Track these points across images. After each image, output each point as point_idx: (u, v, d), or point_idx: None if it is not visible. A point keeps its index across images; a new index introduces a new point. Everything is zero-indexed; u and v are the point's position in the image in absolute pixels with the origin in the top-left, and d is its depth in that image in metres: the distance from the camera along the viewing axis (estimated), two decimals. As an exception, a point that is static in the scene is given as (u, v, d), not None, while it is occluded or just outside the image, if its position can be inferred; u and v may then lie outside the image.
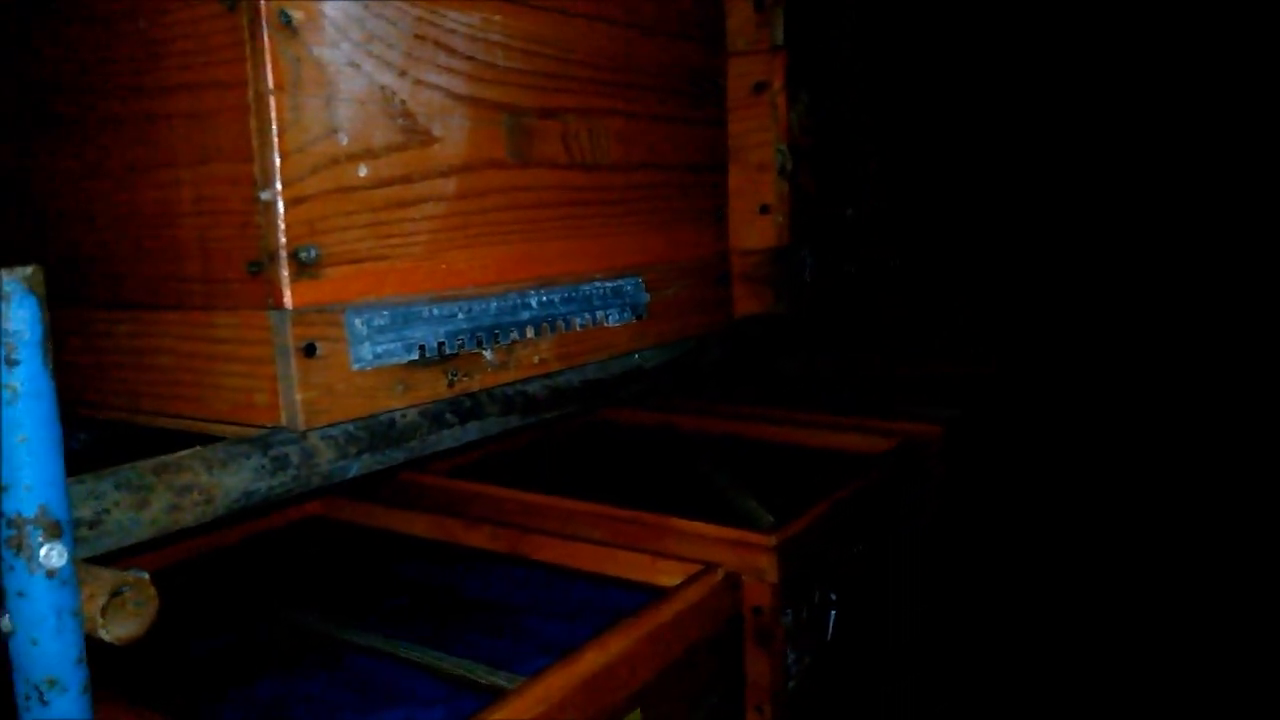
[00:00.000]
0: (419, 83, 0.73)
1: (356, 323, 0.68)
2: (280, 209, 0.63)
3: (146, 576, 0.52)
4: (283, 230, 0.63)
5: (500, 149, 0.80)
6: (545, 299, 0.85)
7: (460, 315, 0.76)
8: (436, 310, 0.74)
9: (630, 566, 1.04)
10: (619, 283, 0.94)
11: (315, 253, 0.65)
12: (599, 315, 0.91)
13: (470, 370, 0.78)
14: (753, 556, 0.99)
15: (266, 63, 0.62)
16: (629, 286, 0.95)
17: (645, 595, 0.95)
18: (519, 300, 0.82)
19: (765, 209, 1.14)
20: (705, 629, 0.93)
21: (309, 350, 0.65)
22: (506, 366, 0.81)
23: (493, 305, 0.79)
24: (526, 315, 0.83)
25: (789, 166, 1.14)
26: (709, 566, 0.98)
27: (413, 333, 0.73)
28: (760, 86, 1.13)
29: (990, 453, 1.63)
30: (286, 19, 0.63)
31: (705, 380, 1.56)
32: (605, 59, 0.91)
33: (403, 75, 0.71)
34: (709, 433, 1.59)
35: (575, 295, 0.88)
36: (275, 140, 0.63)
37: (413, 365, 0.73)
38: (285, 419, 0.65)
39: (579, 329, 0.89)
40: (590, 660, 0.79)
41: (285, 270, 0.64)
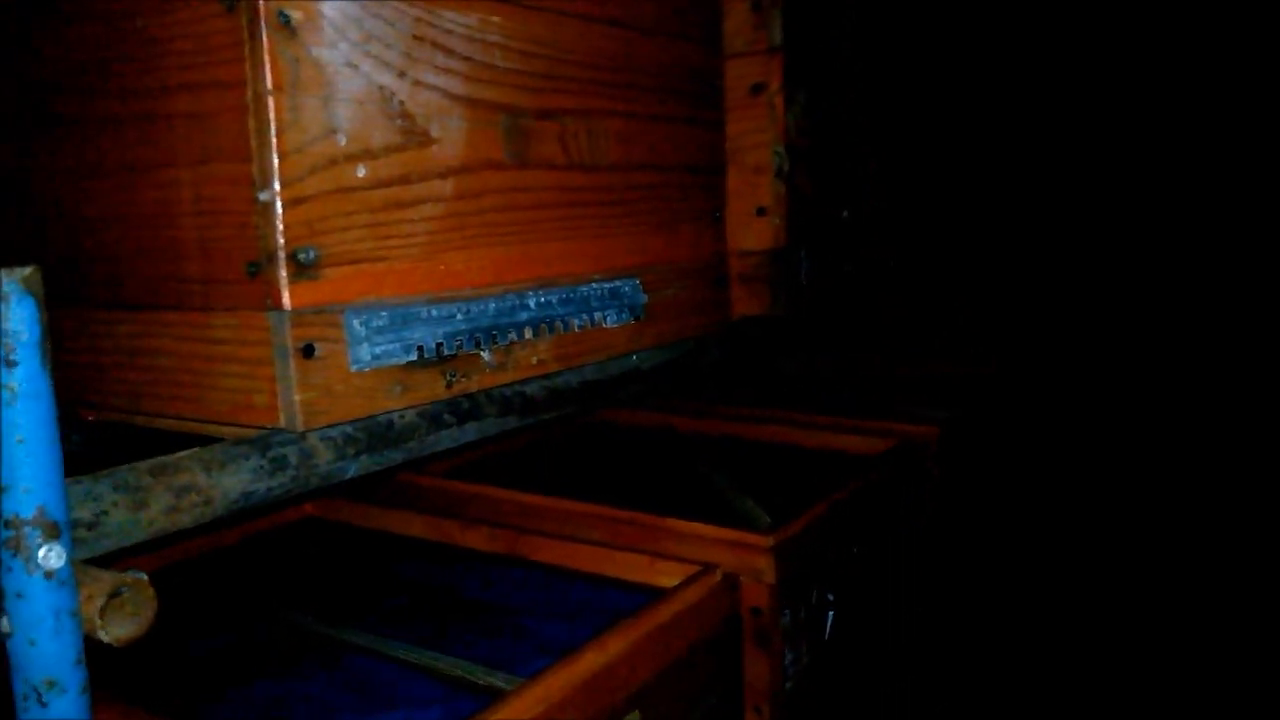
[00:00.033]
0: (417, 83, 0.73)
1: (355, 324, 0.68)
2: (279, 210, 0.63)
3: (145, 578, 0.52)
4: (281, 231, 0.63)
5: (498, 150, 0.80)
6: (543, 300, 0.85)
7: (459, 316, 0.77)
8: (435, 311, 0.74)
9: (629, 567, 1.04)
10: (617, 284, 0.94)
11: (314, 253, 0.65)
12: (597, 316, 0.91)
13: (468, 371, 0.78)
14: (751, 557, 0.99)
15: (265, 63, 0.62)
16: (627, 287, 0.95)
17: (644, 596, 0.95)
18: (517, 301, 0.82)
19: (762, 210, 1.14)
20: (704, 630, 0.93)
21: (307, 351, 0.65)
22: (505, 367, 0.81)
23: (491, 306, 0.79)
24: (525, 316, 0.83)
25: (786, 168, 1.14)
26: (707, 567, 0.98)
27: (411, 334, 0.73)
28: (758, 88, 1.13)
29: (989, 453, 1.63)
30: (285, 19, 0.63)
31: (704, 381, 1.56)
32: (603, 60, 0.92)
33: (401, 76, 0.72)
34: (707, 433, 1.59)
35: (573, 296, 0.88)
36: (274, 141, 0.63)
37: (411, 366, 0.73)
38: (284, 420, 0.65)
39: (577, 330, 0.89)
40: (589, 661, 0.79)
41: (284, 271, 0.64)
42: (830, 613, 1.11)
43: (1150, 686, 1.73)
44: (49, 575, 0.49)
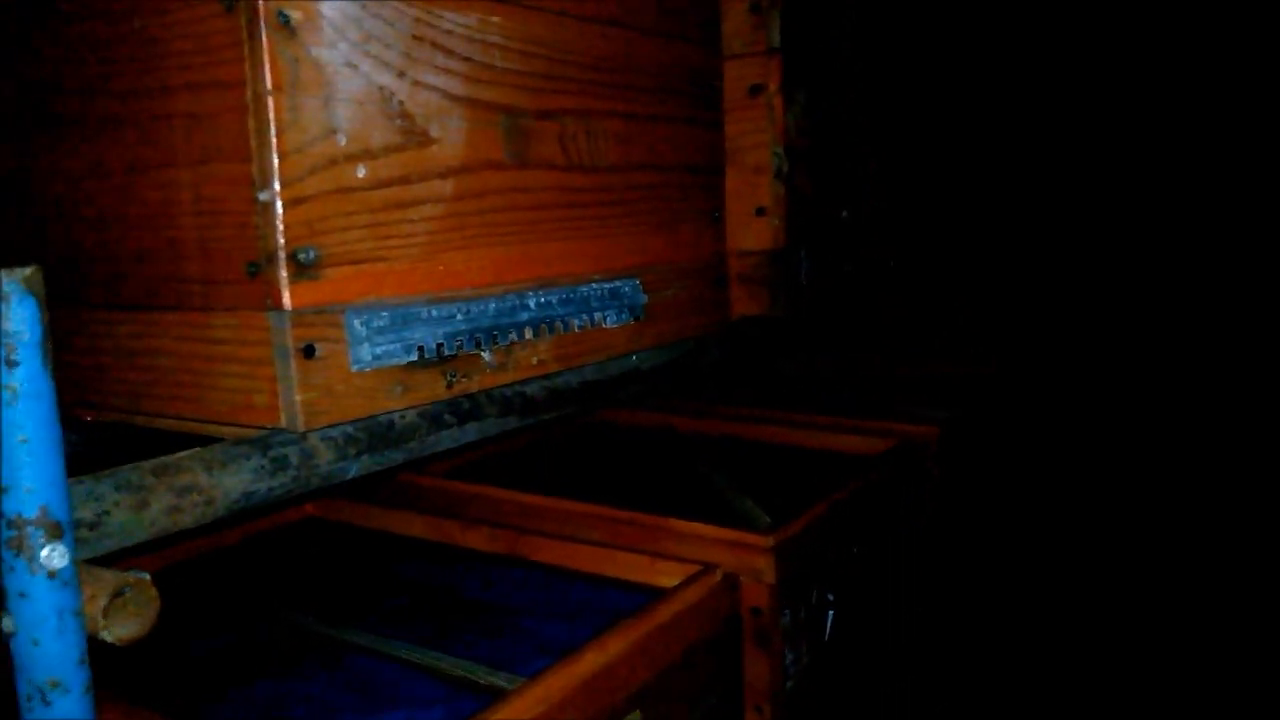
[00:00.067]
0: (417, 83, 0.73)
1: (356, 324, 0.68)
2: (279, 210, 0.63)
3: (147, 577, 0.52)
4: (281, 231, 0.63)
5: (498, 150, 0.80)
6: (543, 300, 0.85)
7: (459, 316, 0.77)
8: (435, 311, 0.75)
9: (629, 567, 1.04)
10: (617, 284, 0.94)
11: (314, 254, 0.65)
12: (597, 316, 0.91)
13: (469, 371, 0.78)
14: (751, 557, 0.99)
15: (265, 63, 0.62)
16: (627, 288, 0.96)
17: (644, 596, 0.95)
18: (517, 301, 0.82)
19: (761, 211, 1.15)
20: (704, 629, 0.93)
21: (308, 351, 0.65)
22: (505, 368, 0.81)
23: (491, 306, 0.80)
24: (525, 316, 0.83)
25: (785, 169, 1.14)
26: (707, 567, 0.98)
27: (411, 334, 0.73)
28: (756, 89, 1.13)
29: (989, 453, 1.63)
30: (285, 19, 0.63)
31: (703, 381, 1.56)
32: (602, 60, 0.92)
33: (401, 76, 0.72)
34: (707, 433, 1.59)
35: (573, 296, 0.89)
36: (274, 141, 0.63)
37: (412, 366, 0.73)
38: (285, 420, 0.65)
39: (577, 330, 0.89)
40: (590, 661, 0.79)
41: (284, 271, 0.64)
42: (830, 613, 1.11)
43: (1150, 686, 1.73)
44: (52, 575, 0.49)
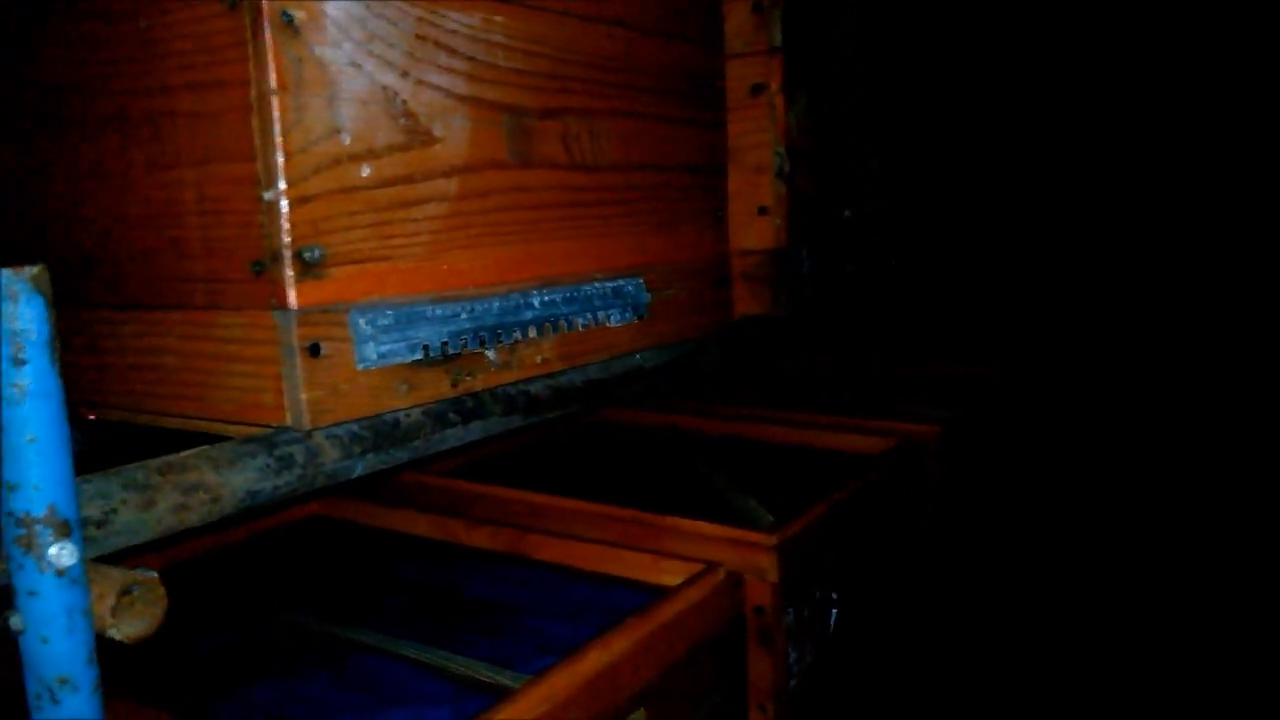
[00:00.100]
0: (420, 83, 0.73)
1: (361, 323, 0.69)
2: (284, 209, 0.63)
3: (155, 576, 0.52)
4: (286, 230, 0.63)
5: (501, 149, 0.80)
6: (547, 299, 0.85)
7: (463, 315, 0.77)
8: (440, 310, 0.75)
9: (632, 566, 1.04)
10: (620, 283, 0.94)
11: (319, 253, 0.65)
12: (600, 315, 0.92)
13: (473, 370, 0.78)
14: (754, 556, 0.99)
15: (269, 62, 0.62)
16: (630, 287, 0.96)
17: (647, 595, 0.96)
18: (521, 300, 0.82)
19: (763, 210, 1.15)
20: (708, 628, 0.93)
21: (314, 350, 0.65)
22: (509, 366, 0.81)
23: (495, 305, 0.80)
24: (529, 315, 0.83)
25: (787, 168, 1.14)
26: (711, 566, 0.98)
27: (416, 333, 0.73)
28: (758, 88, 1.13)
29: (990, 452, 1.63)
30: (288, 19, 0.63)
31: (705, 381, 1.56)
32: (605, 60, 0.92)
33: (404, 75, 0.72)
34: (708, 433, 1.59)
35: (577, 295, 0.89)
36: (278, 140, 0.63)
37: (417, 365, 0.73)
38: (290, 419, 0.65)
39: (581, 329, 0.89)
40: (594, 660, 0.79)
41: (289, 270, 0.64)
42: (833, 611, 1.11)
43: (1151, 685, 1.73)
44: (61, 573, 0.49)
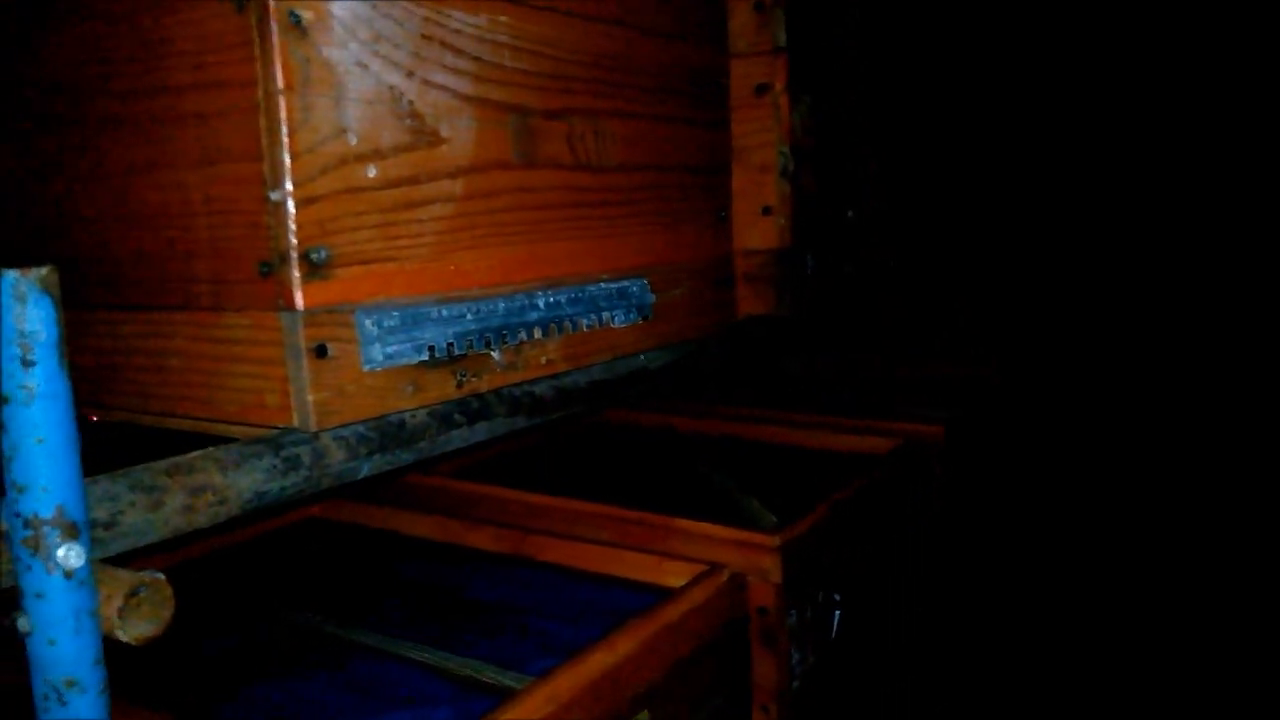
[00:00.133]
0: (426, 83, 0.73)
1: (367, 324, 0.68)
2: (291, 209, 0.63)
3: (162, 577, 0.52)
4: (293, 231, 0.63)
5: (507, 150, 0.80)
6: (552, 300, 0.85)
7: (468, 316, 0.77)
8: (445, 311, 0.74)
9: (636, 567, 1.04)
10: (624, 284, 0.94)
11: (325, 253, 0.65)
12: (605, 316, 0.91)
13: (479, 371, 0.78)
14: (757, 557, 0.99)
15: (276, 63, 0.62)
16: (634, 287, 0.96)
17: (651, 596, 0.95)
18: (526, 301, 0.82)
19: (768, 210, 1.15)
20: (711, 629, 0.93)
21: (320, 351, 0.65)
22: (514, 367, 0.81)
23: (500, 306, 0.80)
24: (534, 316, 0.83)
25: (791, 168, 1.14)
26: (714, 567, 0.98)
27: (422, 334, 0.73)
28: (762, 88, 1.13)
29: (991, 453, 1.63)
30: (296, 19, 0.63)
31: (707, 381, 1.56)
32: (610, 60, 0.92)
33: (410, 76, 0.72)
34: (709, 434, 1.59)
35: (582, 296, 0.88)
36: (285, 140, 0.62)
37: (422, 366, 0.73)
38: (297, 420, 0.65)
39: (585, 330, 0.89)
40: (597, 661, 0.79)
41: (296, 271, 0.64)
42: (836, 612, 1.11)
43: (1151, 685, 1.73)
44: (68, 575, 0.48)
